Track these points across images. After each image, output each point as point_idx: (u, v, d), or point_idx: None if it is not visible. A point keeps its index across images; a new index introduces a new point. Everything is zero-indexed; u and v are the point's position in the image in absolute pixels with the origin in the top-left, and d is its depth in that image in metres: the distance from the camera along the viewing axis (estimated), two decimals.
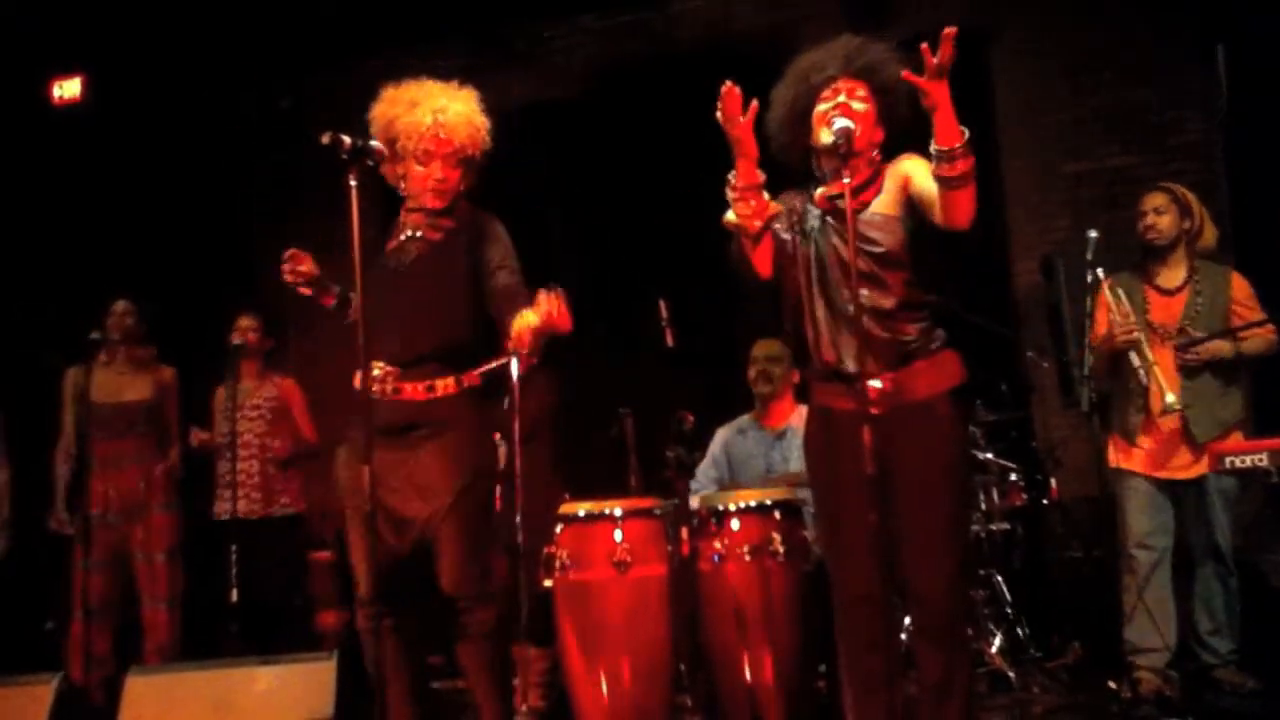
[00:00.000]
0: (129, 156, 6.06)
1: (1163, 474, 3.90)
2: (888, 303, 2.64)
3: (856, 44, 2.75)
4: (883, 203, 2.71)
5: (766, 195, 2.73)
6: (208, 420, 5.06)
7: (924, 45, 2.42)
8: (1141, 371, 3.83)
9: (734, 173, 2.70)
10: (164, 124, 6.10)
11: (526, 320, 2.71)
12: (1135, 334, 3.83)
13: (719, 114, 2.60)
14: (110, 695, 3.98)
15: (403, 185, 3.03)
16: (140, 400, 4.80)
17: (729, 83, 2.58)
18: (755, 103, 2.61)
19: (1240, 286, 3.97)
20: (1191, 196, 4.01)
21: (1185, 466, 3.89)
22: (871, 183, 2.73)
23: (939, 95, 2.44)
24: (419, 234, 3.00)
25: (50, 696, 3.56)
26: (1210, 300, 3.93)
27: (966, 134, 2.47)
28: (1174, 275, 4.00)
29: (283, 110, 6.46)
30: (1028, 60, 5.72)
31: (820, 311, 2.72)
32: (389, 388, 2.90)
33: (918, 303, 2.67)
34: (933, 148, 2.50)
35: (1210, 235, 4.00)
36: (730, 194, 2.72)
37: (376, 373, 2.89)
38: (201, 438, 4.95)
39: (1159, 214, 3.98)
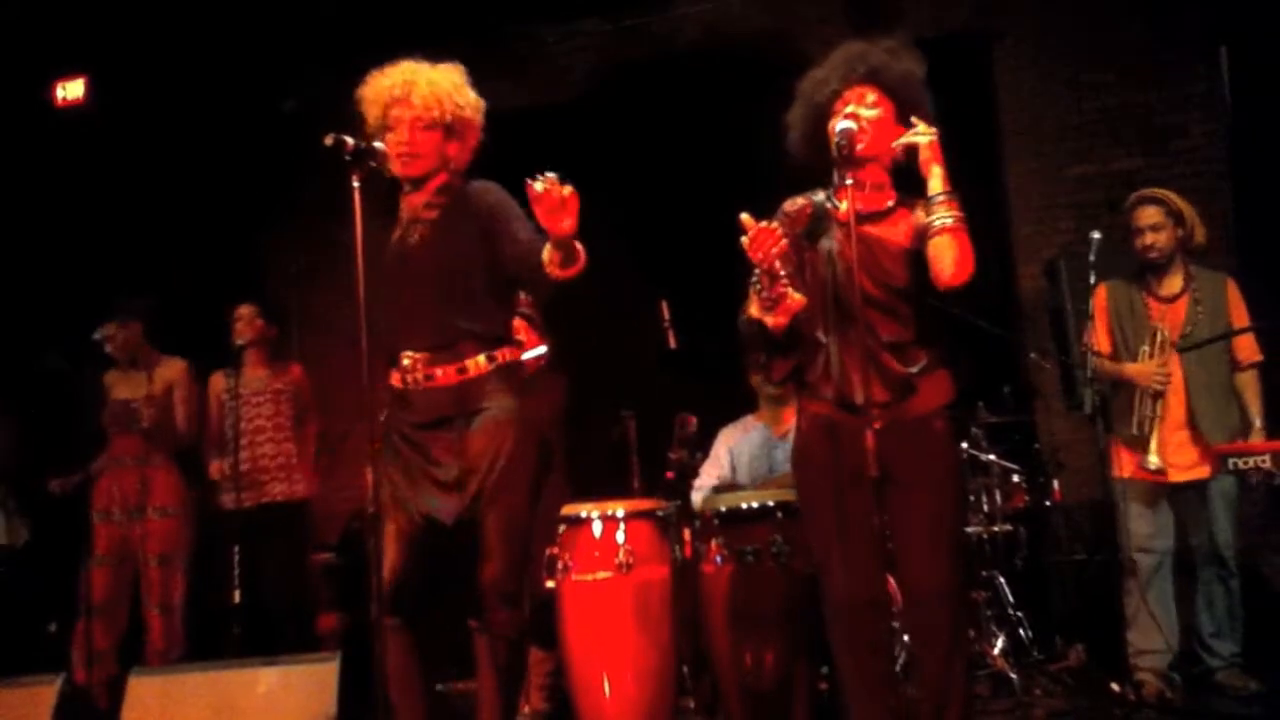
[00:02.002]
0: (132, 158, 6.07)
1: (1163, 477, 3.90)
2: (904, 335, 2.64)
3: (856, 51, 2.70)
4: (905, 234, 2.67)
5: (795, 294, 2.55)
6: (204, 409, 5.05)
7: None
8: (1149, 421, 3.86)
9: (758, 276, 2.50)
10: (167, 125, 6.11)
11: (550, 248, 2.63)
12: (1165, 386, 3.86)
13: (747, 247, 2.44)
14: (113, 696, 3.98)
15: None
16: (145, 398, 4.82)
17: (766, 227, 2.44)
18: (783, 242, 2.46)
19: (1234, 292, 4.01)
20: (1182, 202, 4.00)
21: (1186, 469, 3.90)
22: (893, 212, 2.70)
23: (924, 157, 2.56)
24: (418, 218, 2.94)
25: (53, 698, 3.56)
26: (1211, 307, 3.96)
27: (947, 187, 2.55)
28: (1171, 283, 4.02)
29: (285, 111, 6.48)
30: (1030, 63, 5.72)
31: (833, 342, 2.67)
32: (420, 375, 2.83)
33: (929, 333, 2.67)
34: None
35: (1201, 234, 4.01)
36: (753, 290, 2.55)
37: (406, 362, 2.84)
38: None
39: (1156, 230, 3.97)
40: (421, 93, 2.87)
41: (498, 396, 2.83)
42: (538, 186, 2.49)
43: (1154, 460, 3.80)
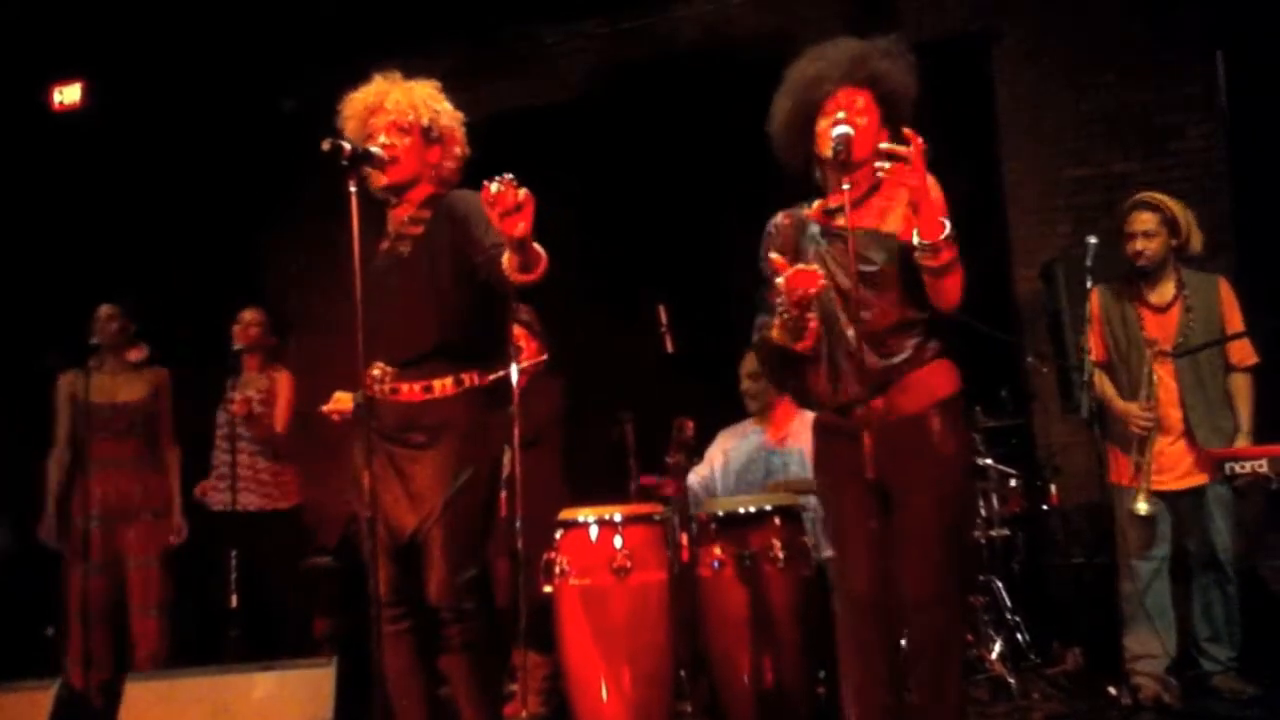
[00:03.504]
0: (130, 162, 6.06)
1: (1160, 486, 3.89)
2: (878, 325, 2.60)
3: (859, 52, 2.69)
4: (881, 218, 2.65)
5: (813, 319, 2.56)
6: (213, 415, 5.04)
7: (908, 135, 2.44)
8: (1139, 463, 3.86)
9: (787, 305, 2.49)
10: (164, 129, 6.11)
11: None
12: (1151, 429, 3.85)
13: (785, 292, 2.45)
14: (109, 700, 3.97)
15: None
16: (136, 401, 4.80)
17: (804, 268, 2.45)
18: (822, 282, 2.47)
19: (1227, 293, 3.99)
20: (1178, 207, 3.96)
21: (1182, 476, 3.90)
22: (869, 196, 2.68)
23: (918, 193, 2.44)
24: (403, 231, 2.97)
25: (50, 702, 3.56)
26: (1203, 314, 3.94)
27: (948, 227, 2.47)
28: (1164, 291, 4.00)
29: (284, 113, 6.48)
30: (1029, 65, 5.72)
31: (822, 348, 2.66)
32: (387, 388, 2.87)
33: (910, 321, 2.62)
34: (915, 240, 2.49)
35: (1197, 242, 3.97)
36: (779, 317, 2.54)
37: (376, 373, 2.87)
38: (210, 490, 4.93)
39: (1149, 237, 3.93)
40: (395, 98, 2.92)
41: (460, 418, 2.86)
42: (493, 188, 2.45)
43: (1142, 508, 3.78)
